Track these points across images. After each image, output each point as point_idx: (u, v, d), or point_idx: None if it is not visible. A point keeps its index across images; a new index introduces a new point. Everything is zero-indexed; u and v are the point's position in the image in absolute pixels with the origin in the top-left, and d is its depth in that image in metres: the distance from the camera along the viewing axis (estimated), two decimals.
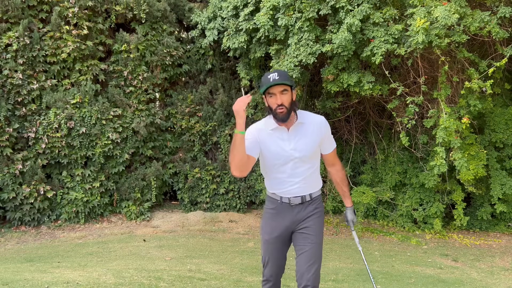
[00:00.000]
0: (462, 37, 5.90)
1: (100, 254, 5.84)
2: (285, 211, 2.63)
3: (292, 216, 2.62)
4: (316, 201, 2.67)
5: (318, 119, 2.62)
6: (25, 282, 3.89)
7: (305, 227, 2.61)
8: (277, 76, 2.44)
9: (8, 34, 7.14)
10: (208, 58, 8.88)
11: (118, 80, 8.06)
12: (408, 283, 4.90)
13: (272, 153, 2.55)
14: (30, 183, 7.17)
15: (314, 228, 2.61)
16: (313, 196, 2.64)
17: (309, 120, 2.59)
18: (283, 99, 2.46)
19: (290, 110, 2.49)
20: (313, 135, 2.56)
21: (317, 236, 2.60)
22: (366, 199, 7.63)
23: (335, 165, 2.77)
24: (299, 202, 2.60)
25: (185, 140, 8.61)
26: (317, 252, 2.59)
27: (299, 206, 2.61)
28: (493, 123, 7.67)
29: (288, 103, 2.47)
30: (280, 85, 2.46)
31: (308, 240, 2.59)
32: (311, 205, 2.63)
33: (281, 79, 2.43)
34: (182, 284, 4.22)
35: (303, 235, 2.60)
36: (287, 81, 2.45)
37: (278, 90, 2.46)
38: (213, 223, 7.93)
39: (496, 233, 7.82)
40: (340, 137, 9.04)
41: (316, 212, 2.64)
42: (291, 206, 2.61)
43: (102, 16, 7.97)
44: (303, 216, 2.62)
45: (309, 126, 2.57)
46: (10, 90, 7.21)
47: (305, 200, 2.61)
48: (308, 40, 6.58)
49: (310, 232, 2.60)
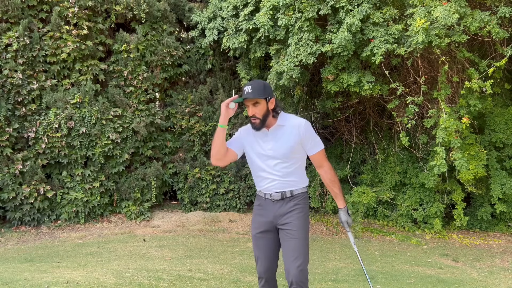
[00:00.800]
0: (462, 37, 5.90)
1: (100, 254, 5.84)
2: (268, 206, 2.77)
3: (274, 211, 2.74)
4: (298, 198, 2.75)
5: (297, 122, 2.72)
6: (25, 282, 3.89)
7: (286, 223, 2.71)
8: (250, 89, 2.61)
9: (8, 34, 7.14)
10: (208, 58, 8.88)
11: (118, 80, 8.06)
12: (408, 283, 4.90)
13: (254, 153, 2.77)
14: (30, 183, 7.17)
15: (295, 223, 2.69)
16: (294, 193, 2.74)
17: (289, 123, 2.72)
18: (255, 111, 2.65)
19: (263, 120, 2.66)
20: (290, 136, 2.69)
21: (298, 231, 2.68)
22: (366, 199, 7.63)
23: (322, 166, 2.82)
24: (279, 197, 2.73)
25: (185, 140, 8.61)
26: (300, 247, 2.65)
27: (280, 202, 2.74)
28: (493, 123, 7.66)
29: (261, 114, 2.65)
30: (251, 98, 2.62)
31: (289, 235, 2.68)
32: (291, 201, 2.73)
33: (252, 94, 2.60)
34: (182, 284, 4.22)
35: (285, 231, 2.71)
36: (258, 96, 2.60)
37: (250, 102, 2.65)
38: (213, 223, 7.93)
39: (496, 233, 7.82)
40: (340, 137, 9.05)
41: (297, 208, 2.73)
42: (273, 201, 2.75)
43: (102, 16, 7.98)
44: (284, 211, 2.72)
45: (287, 128, 2.71)
46: (10, 90, 7.21)
47: (285, 196, 2.73)
48: (308, 40, 6.58)
49: (291, 227, 2.69)
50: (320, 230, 7.89)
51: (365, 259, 6.00)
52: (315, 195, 8.06)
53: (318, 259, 5.90)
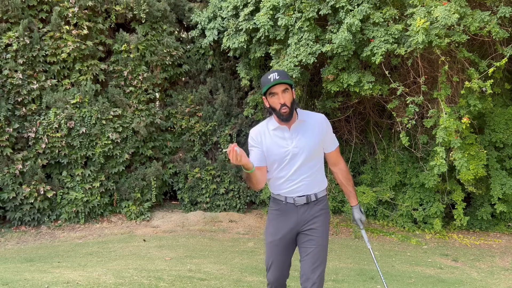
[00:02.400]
0: (462, 37, 5.90)
1: (100, 254, 5.84)
2: (289, 211, 2.57)
3: (297, 217, 2.56)
4: (322, 202, 2.61)
5: (319, 117, 2.60)
6: (25, 282, 3.89)
7: (310, 228, 2.55)
8: (278, 75, 2.43)
9: (8, 34, 7.14)
10: (208, 58, 8.88)
11: (118, 80, 8.06)
12: (408, 283, 4.90)
13: (275, 153, 2.52)
14: (30, 183, 7.17)
15: (319, 230, 2.55)
16: (319, 196, 2.59)
17: (309, 118, 2.57)
18: (286, 98, 2.45)
19: (292, 109, 2.47)
20: (314, 132, 2.54)
21: (322, 238, 2.55)
22: (366, 199, 7.63)
23: (338, 164, 2.72)
24: (304, 202, 2.55)
25: (185, 140, 8.61)
26: (322, 254, 2.54)
27: (304, 207, 2.55)
28: (493, 123, 7.66)
29: (290, 102, 2.46)
30: (281, 84, 2.44)
31: (313, 242, 2.53)
32: (316, 206, 2.58)
33: (282, 78, 2.42)
34: (182, 284, 4.22)
35: (308, 237, 2.55)
36: (288, 80, 2.44)
37: (280, 89, 2.45)
38: (213, 223, 7.93)
39: (496, 233, 7.82)
40: (340, 137, 9.04)
41: (322, 213, 2.59)
42: (296, 206, 2.55)
43: (102, 16, 7.97)
44: (309, 217, 2.56)
45: (309, 124, 2.56)
46: (10, 90, 7.21)
47: (310, 200, 2.55)
48: (308, 40, 6.58)
49: (315, 234, 2.54)
50: None
51: (365, 259, 6.01)
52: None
53: None
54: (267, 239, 2.66)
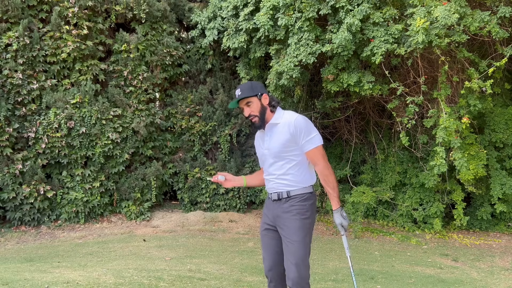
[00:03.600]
0: (462, 37, 5.90)
1: (100, 254, 5.84)
2: (269, 206, 2.80)
3: (272, 211, 2.75)
4: (295, 199, 2.66)
5: (290, 118, 2.65)
6: (25, 282, 3.89)
7: (281, 224, 2.68)
8: (240, 91, 2.67)
9: (8, 34, 7.14)
10: (208, 58, 8.88)
11: (118, 80, 8.06)
12: (408, 283, 4.90)
13: (258, 153, 2.90)
14: (30, 183, 7.17)
15: (288, 226, 2.64)
16: (292, 193, 2.67)
17: (284, 120, 2.68)
18: (250, 110, 2.69)
19: (262, 116, 2.69)
20: (282, 133, 2.65)
21: (293, 234, 2.61)
22: (366, 199, 7.62)
23: (317, 165, 2.70)
24: (275, 198, 2.72)
25: (185, 140, 8.61)
26: (296, 250, 2.58)
27: (277, 202, 2.72)
28: (493, 123, 7.66)
29: (257, 111, 2.68)
30: (243, 99, 2.68)
31: (285, 238, 2.65)
32: (287, 202, 2.67)
33: (242, 94, 2.65)
34: (182, 284, 4.22)
35: (282, 234, 2.70)
36: (247, 95, 2.64)
37: (243, 104, 2.71)
38: (213, 223, 7.93)
39: (496, 233, 7.82)
40: (340, 137, 9.05)
41: (292, 209, 2.65)
42: (272, 201, 2.76)
43: (102, 16, 7.97)
44: (279, 212, 2.69)
45: (281, 125, 2.68)
46: (10, 90, 7.21)
47: (281, 196, 2.69)
48: (308, 40, 6.58)
49: (286, 230, 2.65)
50: (320, 230, 7.89)
51: (365, 259, 6.01)
52: None
53: (318, 259, 5.90)
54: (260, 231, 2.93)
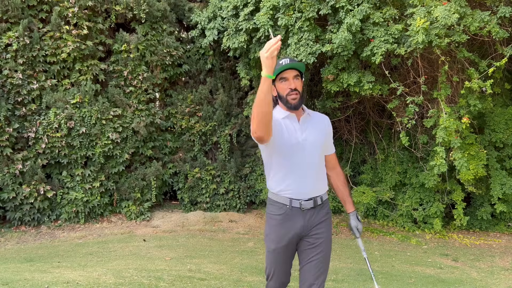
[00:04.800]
0: (462, 37, 5.90)
1: (100, 254, 5.84)
2: (295, 216, 2.39)
3: (304, 222, 2.39)
4: (327, 205, 2.50)
5: (324, 117, 2.56)
6: (25, 282, 3.89)
7: (316, 233, 2.41)
8: (289, 61, 2.36)
9: (8, 34, 7.13)
10: (208, 58, 8.88)
11: (118, 80, 8.06)
12: (408, 283, 4.90)
13: (285, 142, 2.35)
14: (30, 183, 7.17)
15: (324, 235, 2.42)
16: (324, 199, 2.48)
17: (315, 115, 2.52)
18: (297, 84, 2.36)
19: (302, 97, 2.39)
20: (321, 130, 2.48)
21: (327, 244, 2.44)
22: (366, 199, 7.63)
23: (335, 168, 2.64)
24: (311, 206, 2.40)
25: (185, 140, 8.61)
26: (326, 261, 2.43)
27: (311, 211, 2.40)
28: (493, 123, 7.67)
29: (301, 89, 2.38)
30: (292, 70, 2.36)
31: (318, 248, 2.40)
32: (322, 210, 2.46)
33: (296, 64, 2.35)
34: (182, 284, 4.22)
35: (313, 244, 2.41)
36: (300, 65, 2.36)
37: (291, 74, 2.36)
38: (213, 223, 7.93)
39: (496, 233, 7.82)
40: (340, 137, 9.04)
41: (328, 217, 2.48)
42: (303, 211, 2.39)
43: (102, 16, 7.97)
44: (315, 222, 2.42)
45: (316, 120, 2.50)
46: (10, 90, 7.21)
47: (317, 203, 2.42)
48: (308, 40, 6.58)
49: (321, 240, 2.41)
50: None
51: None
52: None
53: None
54: (269, 246, 2.47)
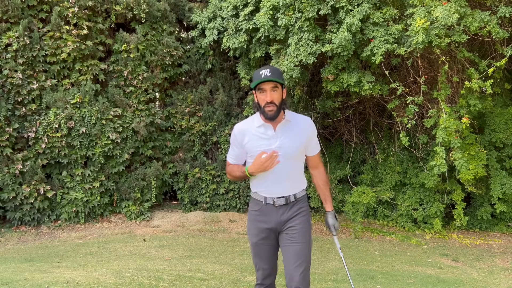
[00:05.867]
0: (462, 37, 5.90)
1: (100, 254, 5.84)
2: (269, 212, 2.58)
3: (277, 217, 2.57)
4: (301, 201, 2.61)
5: (306, 120, 2.60)
6: (25, 282, 3.89)
7: (290, 227, 2.56)
8: (269, 72, 2.40)
9: (8, 34, 7.13)
10: (208, 58, 8.88)
11: (118, 80, 8.06)
12: (408, 283, 4.90)
13: (257, 150, 2.51)
14: (30, 183, 7.17)
15: (298, 227, 2.54)
16: (298, 196, 2.59)
17: (296, 120, 2.56)
18: (274, 96, 2.42)
19: (279, 108, 2.45)
20: (300, 134, 2.53)
21: (302, 236, 2.54)
22: (366, 199, 7.63)
23: (318, 167, 2.73)
24: (283, 203, 2.55)
25: (185, 140, 8.61)
26: (304, 251, 2.53)
27: (284, 207, 2.56)
28: (493, 123, 7.67)
29: (279, 101, 2.44)
30: (271, 82, 2.42)
31: (293, 240, 2.54)
32: (295, 206, 2.58)
33: (272, 76, 2.39)
34: (182, 284, 4.22)
35: (288, 236, 2.55)
36: (279, 79, 2.41)
37: (269, 86, 2.42)
38: (213, 223, 7.93)
39: (496, 233, 7.82)
40: (340, 137, 9.05)
41: (301, 211, 2.59)
42: (276, 207, 2.56)
43: (102, 16, 7.97)
44: (288, 217, 2.56)
45: (296, 125, 2.54)
46: (10, 90, 7.21)
47: (289, 201, 2.56)
48: (308, 40, 6.58)
49: (294, 232, 2.54)
50: (320, 230, 7.89)
51: (365, 259, 6.01)
52: (315, 195, 8.06)
53: (318, 259, 5.90)
54: (251, 240, 2.67)
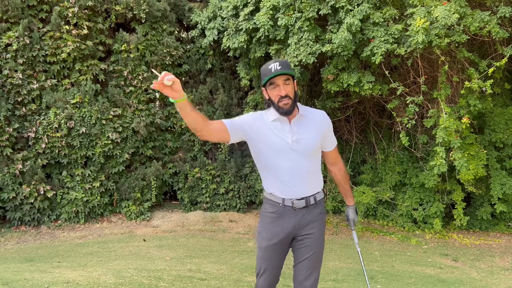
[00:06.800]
0: (462, 37, 5.90)
1: (100, 254, 5.84)
2: (287, 214, 2.40)
3: (296, 221, 2.40)
4: (321, 205, 2.48)
5: (320, 114, 2.46)
6: (25, 282, 3.89)
7: (308, 233, 2.42)
8: (279, 65, 2.26)
9: (8, 34, 7.13)
10: (208, 58, 8.88)
11: (118, 80, 8.06)
12: (408, 283, 4.90)
13: (272, 145, 2.33)
14: (30, 183, 7.17)
15: (317, 235, 2.43)
16: (317, 198, 2.45)
17: (310, 114, 2.42)
18: (287, 89, 2.27)
19: (294, 101, 2.31)
20: (316, 129, 2.39)
21: (319, 244, 2.45)
22: (366, 199, 7.63)
23: (337, 163, 2.61)
24: (303, 205, 2.39)
25: (185, 140, 8.61)
26: (317, 259, 2.45)
27: (303, 210, 2.40)
28: (493, 123, 7.67)
29: (292, 93, 2.30)
30: (282, 75, 2.27)
31: (310, 247, 2.42)
32: (315, 209, 2.44)
33: (283, 69, 2.25)
34: (182, 284, 4.22)
35: (305, 242, 2.43)
36: (291, 71, 2.28)
37: (281, 80, 2.28)
38: (213, 223, 7.93)
39: (496, 233, 7.82)
40: (340, 137, 9.04)
41: (321, 217, 2.47)
42: (294, 209, 2.39)
43: (102, 16, 7.97)
44: (307, 221, 2.42)
45: (311, 120, 2.40)
46: (10, 90, 7.20)
47: (309, 203, 2.40)
48: (308, 40, 6.58)
49: (313, 239, 2.42)
50: None
51: (365, 259, 6.01)
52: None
53: None
54: (260, 243, 2.51)
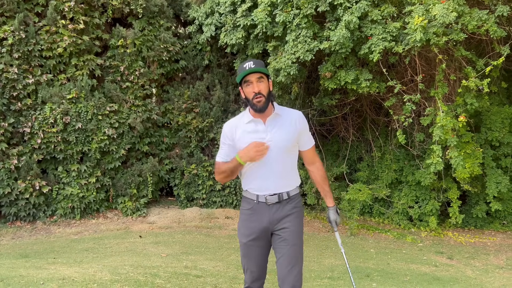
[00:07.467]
0: (460, 35, 5.90)
1: (96, 250, 5.83)
2: (261, 211, 2.50)
3: (269, 216, 2.49)
4: (294, 200, 2.55)
5: (295, 113, 2.56)
6: (20, 279, 3.88)
7: (283, 228, 2.49)
8: (253, 64, 2.40)
9: (4, 28, 7.07)
10: (205, 54, 8.85)
11: (114, 75, 8.02)
12: (403, 280, 4.92)
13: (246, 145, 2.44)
14: (26, 178, 7.13)
15: (292, 229, 2.49)
16: (291, 194, 2.53)
17: (286, 113, 2.53)
18: (260, 87, 2.40)
19: (268, 99, 2.43)
20: (291, 127, 2.49)
21: (296, 237, 2.50)
22: (362, 196, 7.64)
23: (314, 163, 2.67)
24: (276, 200, 2.49)
25: (181, 136, 8.59)
26: (297, 254, 2.49)
27: (276, 205, 2.49)
28: (490, 121, 7.69)
29: (266, 91, 2.42)
30: (256, 73, 2.40)
31: (286, 242, 2.48)
32: (289, 204, 2.52)
33: (256, 67, 2.39)
34: (178, 280, 4.22)
35: (281, 237, 2.49)
36: (263, 69, 2.40)
37: (255, 77, 2.41)
38: (209, 219, 7.93)
39: (491, 231, 7.86)
40: (337, 135, 9.05)
41: (295, 212, 2.53)
42: (268, 205, 2.49)
43: (98, 11, 7.91)
44: (281, 216, 2.50)
45: (285, 119, 2.50)
46: (6, 85, 7.15)
47: (282, 198, 2.49)
48: (306, 37, 6.56)
49: (288, 233, 2.48)
50: (316, 227, 7.90)
51: (360, 257, 6.03)
52: (311, 192, 8.07)
53: (313, 256, 5.91)
54: (241, 240, 2.59)
